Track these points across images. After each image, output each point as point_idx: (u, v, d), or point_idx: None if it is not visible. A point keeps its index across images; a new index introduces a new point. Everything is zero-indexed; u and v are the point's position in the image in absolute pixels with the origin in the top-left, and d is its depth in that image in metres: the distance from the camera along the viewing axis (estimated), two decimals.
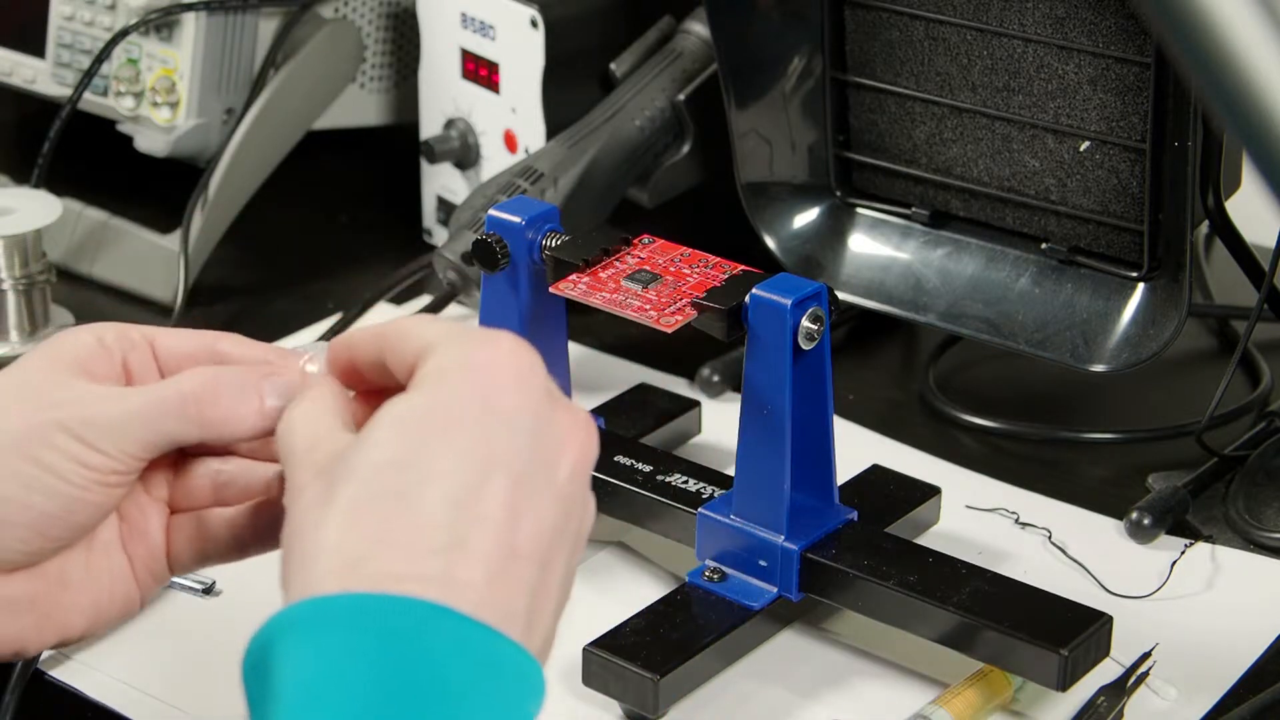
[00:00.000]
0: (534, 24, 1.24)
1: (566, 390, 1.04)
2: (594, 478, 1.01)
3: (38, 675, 0.93)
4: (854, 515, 0.96)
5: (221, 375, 0.73)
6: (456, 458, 0.64)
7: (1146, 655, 0.94)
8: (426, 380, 0.67)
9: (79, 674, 0.94)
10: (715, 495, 0.99)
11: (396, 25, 1.44)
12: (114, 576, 0.76)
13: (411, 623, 0.60)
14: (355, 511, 0.64)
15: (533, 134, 1.27)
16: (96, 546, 0.75)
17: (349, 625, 0.60)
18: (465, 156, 1.32)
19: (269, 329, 1.24)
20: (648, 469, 1.01)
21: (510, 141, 1.29)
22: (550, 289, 0.94)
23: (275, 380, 0.74)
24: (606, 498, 1.01)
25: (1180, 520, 1.06)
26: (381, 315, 1.25)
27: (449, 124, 1.33)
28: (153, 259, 1.29)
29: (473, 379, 0.66)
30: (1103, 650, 0.90)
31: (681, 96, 1.24)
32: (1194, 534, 1.05)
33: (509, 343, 0.67)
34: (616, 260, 0.95)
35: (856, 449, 1.10)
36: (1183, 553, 1.03)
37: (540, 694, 0.62)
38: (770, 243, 1.20)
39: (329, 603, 0.61)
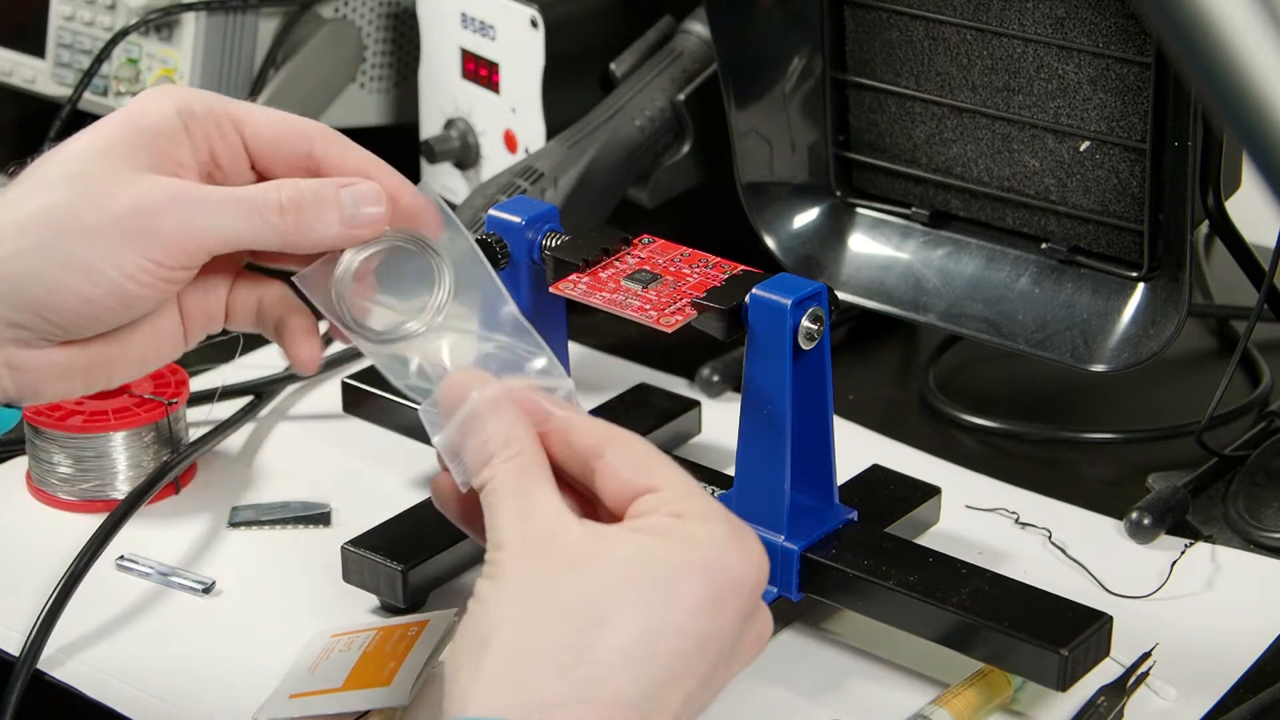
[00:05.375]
0: (534, 24, 1.24)
1: None
2: None
3: (38, 675, 0.93)
4: (854, 515, 0.96)
5: (304, 191, 0.75)
6: (665, 646, 0.67)
7: (1146, 655, 0.94)
8: (672, 537, 0.69)
9: (79, 674, 0.94)
10: (715, 495, 0.99)
11: (396, 25, 1.44)
12: (164, 335, 0.78)
13: None
14: (562, 655, 0.66)
15: (533, 134, 1.27)
16: (150, 315, 0.77)
17: None
18: (465, 156, 1.32)
19: None
20: None
21: (510, 141, 1.29)
22: (550, 289, 0.94)
23: (355, 191, 0.75)
24: None
25: (1180, 520, 1.06)
26: None
27: (449, 124, 1.33)
28: None
29: (714, 575, 0.68)
30: (1103, 650, 0.90)
31: (681, 96, 1.24)
32: (1194, 534, 1.05)
33: (758, 554, 0.70)
34: (616, 260, 0.95)
35: (856, 449, 1.10)
36: (1183, 553, 1.03)
37: None
38: (770, 243, 1.20)
39: None
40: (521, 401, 0.73)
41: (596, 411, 1.08)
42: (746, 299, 0.91)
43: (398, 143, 1.44)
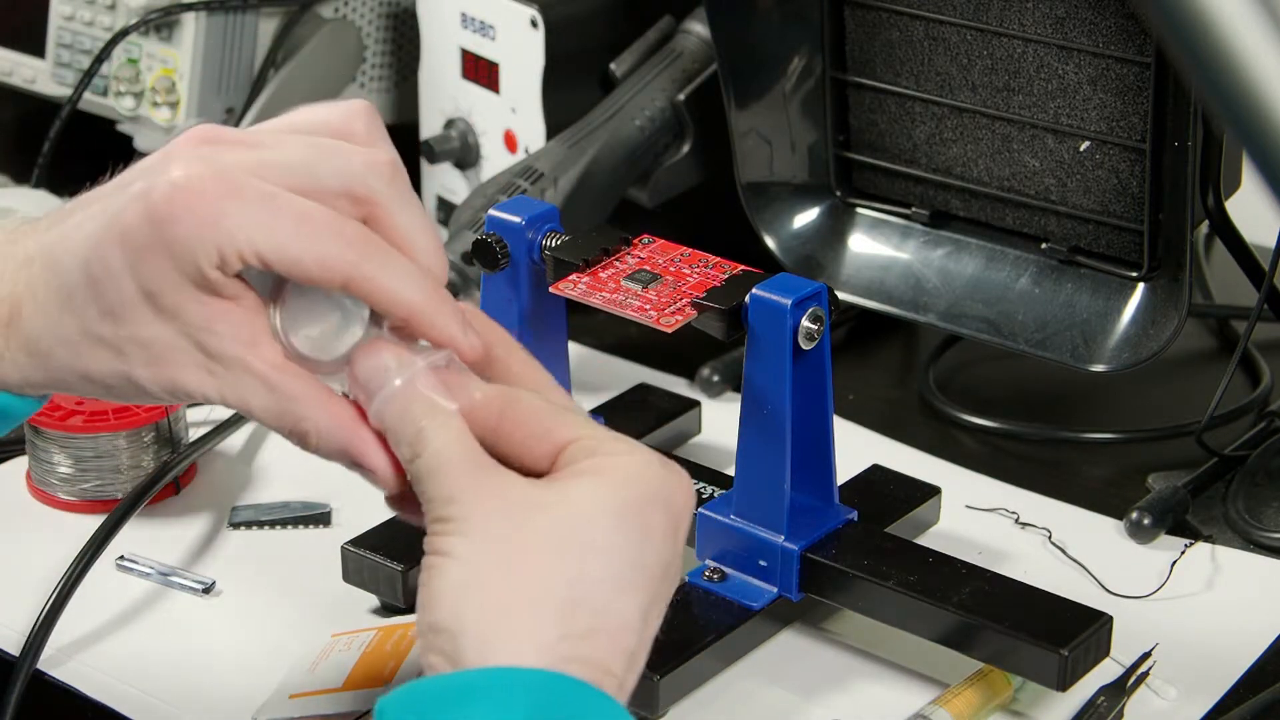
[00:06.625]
0: (534, 24, 1.24)
1: (567, 389, 1.04)
2: None
3: (38, 675, 0.93)
4: (854, 515, 0.96)
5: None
6: (648, 572, 0.70)
7: (1146, 655, 0.94)
8: (601, 473, 0.70)
9: (79, 674, 0.94)
10: (715, 495, 0.99)
11: (396, 25, 1.44)
12: None
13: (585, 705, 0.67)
14: (563, 590, 0.68)
15: (533, 134, 1.27)
16: None
17: (540, 695, 0.66)
18: (465, 156, 1.32)
19: None
20: None
21: (510, 141, 1.29)
22: (550, 289, 0.94)
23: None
24: None
25: (1180, 520, 1.06)
26: None
27: (449, 124, 1.33)
28: None
29: (670, 505, 0.71)
30: (1103, 650, 0.90)
31: (681, 96, 1.24)
32: (1194, 534, 1.05)
33: (689, 478, 0.73)
34: (616, 260, 0.95)
35: (856, 449, 1.10)
36: (1183, 553, 1.03)
37: None
38: (770, 243, 1.20)
39: (531, 675, 0.67)
40: (428, 384, 0.73)
41: (596, 411, 1.08)
42: (746, 299, 0.91)
43: (398, 143, 1.43)
